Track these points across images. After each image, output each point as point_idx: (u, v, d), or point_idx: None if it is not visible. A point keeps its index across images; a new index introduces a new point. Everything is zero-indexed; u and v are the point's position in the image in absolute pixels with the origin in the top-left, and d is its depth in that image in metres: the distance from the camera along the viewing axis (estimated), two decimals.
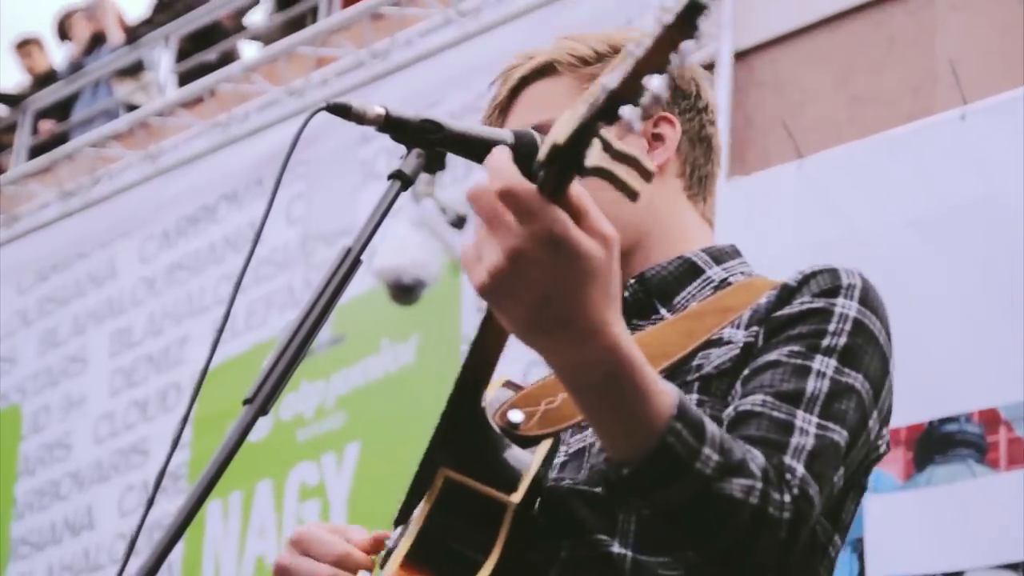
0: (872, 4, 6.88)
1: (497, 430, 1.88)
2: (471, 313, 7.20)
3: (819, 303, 1.95)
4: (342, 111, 1.90)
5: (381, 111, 1.92)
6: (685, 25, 1.44)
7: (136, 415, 8.61)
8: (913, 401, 4.97)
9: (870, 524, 5.03)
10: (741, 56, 7.08)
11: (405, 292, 7.16)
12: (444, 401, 1.89)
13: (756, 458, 1.76)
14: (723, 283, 2.12)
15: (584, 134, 1.49)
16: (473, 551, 1.81)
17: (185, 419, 1.87)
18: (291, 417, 7.66)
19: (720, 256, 2.18)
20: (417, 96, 7.90)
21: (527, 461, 1.86)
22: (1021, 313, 4.96)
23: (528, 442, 1.88)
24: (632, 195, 1.48)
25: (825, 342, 1.91)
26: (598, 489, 1.92)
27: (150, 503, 1.83)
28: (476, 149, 1.99)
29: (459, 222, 7.31)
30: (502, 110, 2.26)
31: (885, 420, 1.99)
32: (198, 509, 1.55)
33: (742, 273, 2.15)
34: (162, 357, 8.61)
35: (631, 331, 2.08)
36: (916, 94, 6.50)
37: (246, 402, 1.66)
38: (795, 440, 1.82)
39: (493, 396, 1.99)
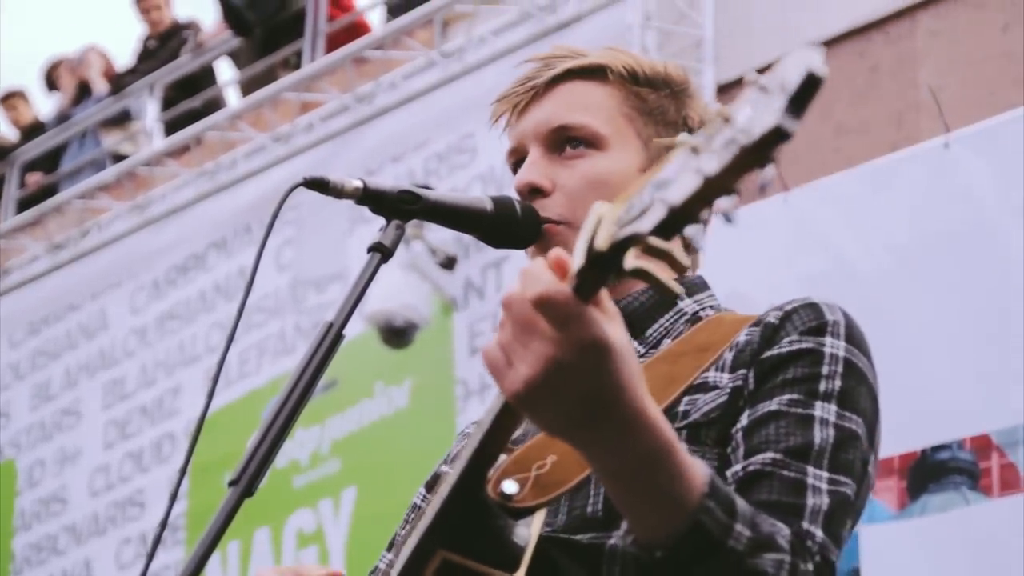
0: (853, 34, 6.92)
1: (494, 506, 1.82)
2: (464, 355, 7.20)
3: (808, 343, 1.93)
4: (319, 186, 1.89)
5: (359, 184, 1.92)
6: (764, 151, 1.34)
7: (131, 467, 8.60)
8: (905, 429, 4.98)
9: (866, 555, 5.02)
10: (724, 89, 7.10)
11: (397, 335, 7.17)
12: (436, 445, 1.85)
13: (781, 530, 1.74)
14: (695, 316, 2.10)
15: (631, 242, 1.43)
16: None
17: (183, 471, 1.87)
18: (287, 464, 7.65)
19: (691, 288, 2.14)
20: (403, 138, 7.93)
21: (525, 536, 1.81)
22: (1009, 338, 4.97)
23: (523, 513, 1.83)
24: (672, 297, 1.45)
25: (822, 387, 1.90)
26: (578, 537, 1.90)
27: (150, 557, 1.82)
28: (453, 218, 2.00)
29: (448, 263, 7.32)
30: (537, 93, 2.17)
31: (877, 454, 1.98)
32: None
33: (711, 307, 2.13)
34: (156, 408, 8.60)
35: None
36: (899, 123, 6.52)
37: (231, 484, 1.65)
38: (810, 502, 1.82)
39: None
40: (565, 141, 2.13)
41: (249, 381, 8.05)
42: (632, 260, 1.44)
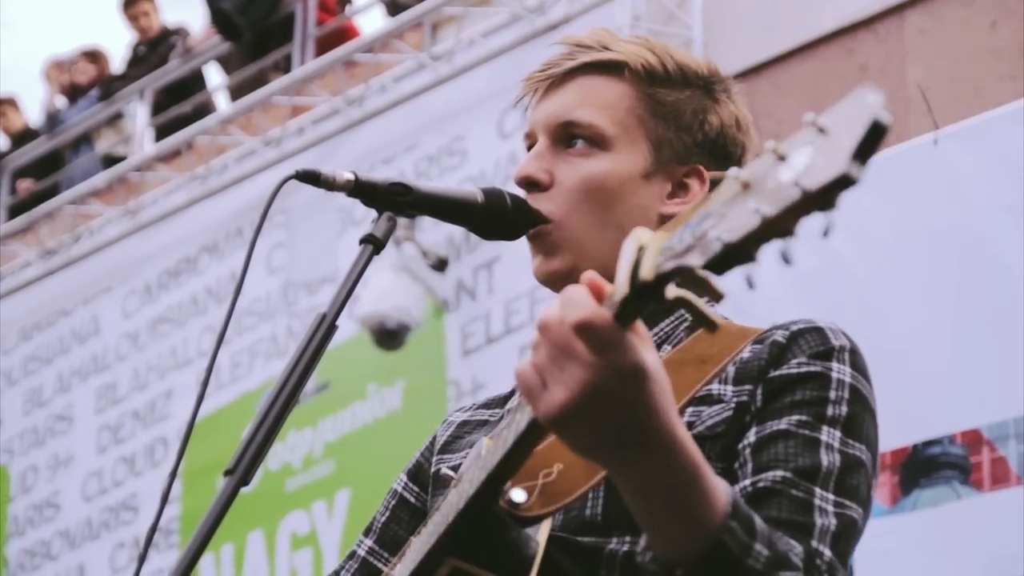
0: (841, 32, 6.93)
1: (504, 516, 1.83)
2: (456, 356, 7.21)
3: (816, 366, 1.95)
4: (311, 178, 1.90)
5: (350, 177, 1.92)
6: (828, 196, 1.33)
7: (124, 471, 8.60)
8: (896, 425, 4.99)
9: (858, 550, 5.03)
10: None
11: (389, 337, 7.18)
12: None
13: (794, 548, 1.77)
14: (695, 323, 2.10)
15: (678, 274, 1.43)
16: None
17: (173, 474, 1.87)
18: (280, 466, 7.66)
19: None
20: (393, 141, 7.94)
21: (533, 544, 1.82)
22: (999, 333, 4.99)
23: (530, 521, 1.83)
24: (712, 327, 1.45)
25: (829, 412, 1.92)
26: (579, 538, 1.91)
27: (142, 559, 1.83)
28: (445, 210, 2.00)
29: (440, 265, 7.33)
30: (553, 83, 2.17)
31: (876, 479, 2.01)
32: None
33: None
34: (148, 412, 8.61)
35: None
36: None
37: (227, 473, 1.66)
38: (819, 522, 1.84)
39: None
40: (573, 136, 2.12)
41: (241, 384, 8.06)
42: (673, 290, 1.44)
